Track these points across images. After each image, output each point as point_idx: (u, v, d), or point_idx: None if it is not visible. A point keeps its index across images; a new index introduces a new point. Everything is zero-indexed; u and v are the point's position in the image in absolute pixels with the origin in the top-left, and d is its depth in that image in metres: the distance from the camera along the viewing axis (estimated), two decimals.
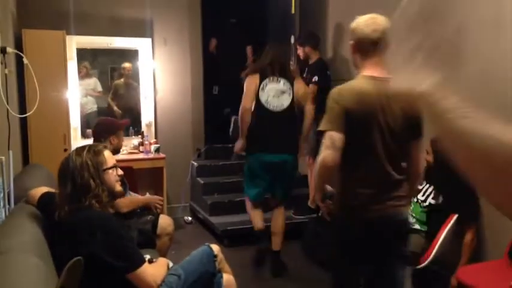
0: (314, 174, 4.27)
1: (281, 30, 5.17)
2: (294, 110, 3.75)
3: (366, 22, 2.11)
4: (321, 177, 2.17)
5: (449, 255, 3.05)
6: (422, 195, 3.16)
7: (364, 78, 2.11)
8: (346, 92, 2.11)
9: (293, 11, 4.52)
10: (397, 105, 2.00)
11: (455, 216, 2.96)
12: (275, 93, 3.65)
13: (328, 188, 2.31)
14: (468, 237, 2.93)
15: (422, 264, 3.01)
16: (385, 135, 2.10)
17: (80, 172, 2.13)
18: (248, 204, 3.97)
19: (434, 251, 2.96)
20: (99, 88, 5.22)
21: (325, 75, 4.50)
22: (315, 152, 4.70)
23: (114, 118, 3.69)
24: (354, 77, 2.20)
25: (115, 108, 5.26)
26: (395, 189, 2.17)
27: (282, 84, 3.66)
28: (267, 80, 3.66)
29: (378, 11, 4.23)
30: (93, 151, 2.22)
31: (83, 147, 2.25)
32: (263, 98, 3.65)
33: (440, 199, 3.07)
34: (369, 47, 2.09)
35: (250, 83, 3.69)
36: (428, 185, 3.15)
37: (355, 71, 2.24)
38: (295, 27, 4.85)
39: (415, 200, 3.19)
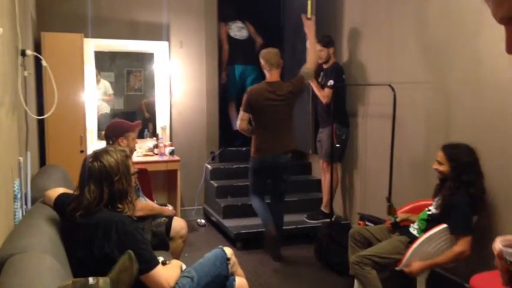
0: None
1: (297, 34, 5.17)
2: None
3: None
4: None
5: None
6: (432, 206, 3.13)
7: None
8: None
9: (309, 15, 4.51)
10: None
11: (442, 226, 2.90)
12: None
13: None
14: (457, 247, 2.83)
15: (397, 268, 3.01)
16: None
17: (118, 177, 2.15)
18: None
19: (406, 257, 2.95)
20: (110, 91, 5.26)
21: (340, 79, 4.49)
22: (329, 157, 4.71)
23: (126, 120, 3.65)
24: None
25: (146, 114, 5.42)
26: None
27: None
28: None
29: (393, 16, 4.22)
30: (126, 155, 2.23)
31: (109, 149, 2.24)
32: None
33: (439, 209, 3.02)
34: None
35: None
36: (439, 197, 3.09)
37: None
38: None
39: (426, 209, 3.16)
